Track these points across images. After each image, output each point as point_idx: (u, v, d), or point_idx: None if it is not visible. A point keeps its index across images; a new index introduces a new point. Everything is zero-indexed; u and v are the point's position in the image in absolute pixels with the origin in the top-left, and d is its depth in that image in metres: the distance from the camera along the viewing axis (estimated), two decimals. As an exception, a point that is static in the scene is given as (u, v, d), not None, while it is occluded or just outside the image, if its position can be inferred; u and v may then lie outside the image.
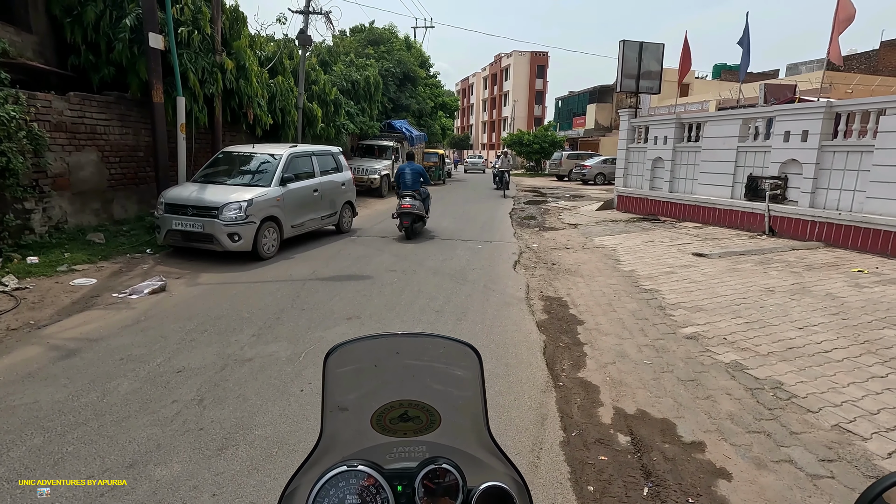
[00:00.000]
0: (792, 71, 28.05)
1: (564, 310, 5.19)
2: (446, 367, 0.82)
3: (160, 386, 3.26)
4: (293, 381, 3.36)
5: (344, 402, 0.80)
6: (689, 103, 25.82)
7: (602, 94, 36.74)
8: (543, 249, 8.48)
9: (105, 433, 2.70)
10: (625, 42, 13.01)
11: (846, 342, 4.10)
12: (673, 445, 2.76)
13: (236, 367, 3.58)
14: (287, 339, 4.12)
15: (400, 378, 0.80)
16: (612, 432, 2.89)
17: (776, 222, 8.90)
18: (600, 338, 4.38)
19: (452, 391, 0.82)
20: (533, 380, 3.53)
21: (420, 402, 0.80)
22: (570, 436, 2.84)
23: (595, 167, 25.53)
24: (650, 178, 12.47)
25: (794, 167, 8.68)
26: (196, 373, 3.46)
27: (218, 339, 4.10)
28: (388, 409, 0.80)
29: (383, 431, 0.80)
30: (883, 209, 7.26)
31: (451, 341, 0.80)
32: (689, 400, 3.25)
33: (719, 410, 3.11)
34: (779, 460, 2.60)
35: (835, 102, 8.11)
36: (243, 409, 2.99)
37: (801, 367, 3.67)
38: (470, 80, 71.45)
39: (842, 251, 7.59)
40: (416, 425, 0.80)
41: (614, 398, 3.30)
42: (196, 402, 3.05)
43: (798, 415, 3.02)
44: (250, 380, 3.38)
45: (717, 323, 4.63)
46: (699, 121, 11.20)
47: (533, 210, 14.53)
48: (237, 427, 2.79)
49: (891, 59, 25.74)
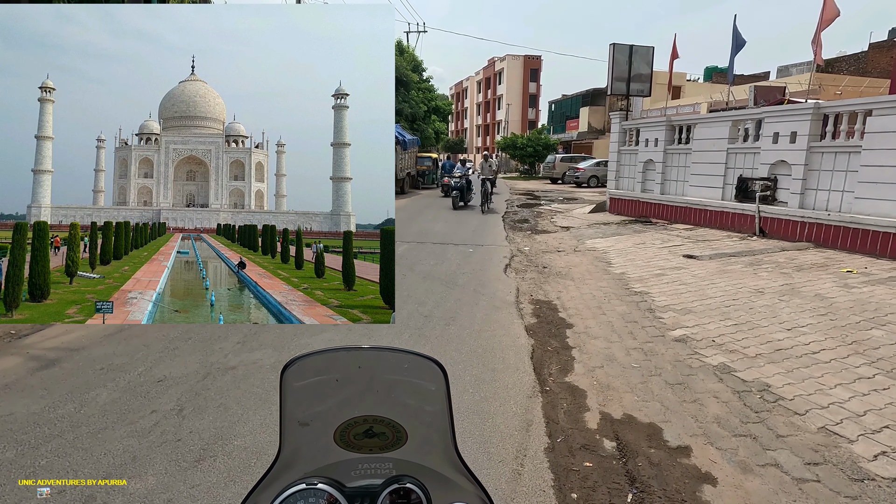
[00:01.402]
0: (782, 73, 28.30)
1: (554, 313, 5.16)
2: (412, 383, 0.79)
3: (140, 396, 3.20)
4: (275, 389, 3.29)
5: (304, 416, 0.77)
6: (680, 105, 25.98)
7: (595, 97, 36.92)
8: (535, 253, 8.46)
9: (80, 445, 2.64)
10: (615, 45, 13.07)
11: (834, 343, 4.09)
12: (659, 450, 2.73)
13: (219, 375, 3.52)
14: (272, 347, 4.07)
15: (364, 393, 0.77)
16: (598, 438, 2.86)
17: (766, 223, 8.92)
18: (589, 341, 4.35)
19: (419, 406, 0.79)
20: (520, 385, 3.49)
21: (385, 417, 0.77)
22: (555, 442, 2.80)
23: (588, 170, 25.62)
24: (642, 181, 12.50)
25: (784, 168, 8.72)
26: (177, 382, 3.40)
27: (202, 347, 4.05)
28: (352, 424, 0.77)
29: (347, 447, 0.77)
30: (871, 209, 7.29)
31: (415, 356, 0.77)
32: (676, 403, 3.22)
33: (706, 414, 3.08)
34: (765, 464, 2.57)
35: (822, 104, 8.16)
36: (223, 419, 2.93)
37: (789, 368, 3.65)
38: (464, 84, 71.66)
39: (831, 252, 7.61)
40: (381, 441, 0.78)
41: (601, 403, 3.26)
42: (175, 412, 3.00)
43: (785, 417, 3.00)
44: (232, 388, 3.33)
45: (706, 325, 4.62)
46: (689, 123, 11.25)
47: (526, 213, 14.53)
48: (216, 437, 2.74)
49: (879, 61, 26.02)
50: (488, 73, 61.72)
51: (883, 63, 25.57)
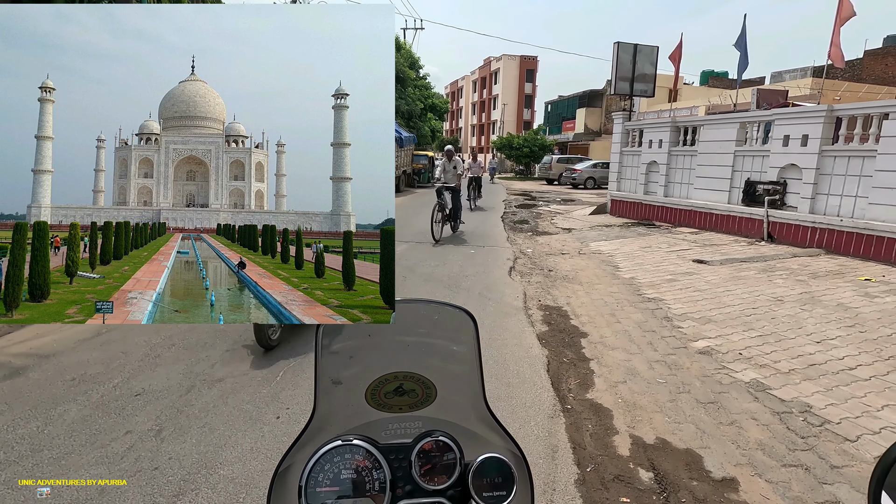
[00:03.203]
0: (776, 79, 28.33)
1: (566, 320, 4.85)
2: (442, 339, 0.81)
3: (114, 413, 2.84)
4: (268, 406, 2.96)
5: (337, 375, 0.79)
6: (677, 108, 25.85)
7: (591, 99, 36.76)
8: (538, 255, 8.16)
9: (39, 474, 2.28)
10: (619, 44, 12.81)
11: (869, 358, 3.82)
12: (702, 483, 2.42)
13: (204, 388, 3.16)
14: (265, 355, 3.72)
15: (394, 350, 0.79)
16: (632, 467, 2.55)
17: (775, 228, 8.70)
18: (607, 352, 4.05)
19: (448, 363, 0.81)
20: (538, 403, 3.17)
21: (415, 374, 0.78)
22: (584, 472, 2.49)
23: (585, 171, 25.40)
24: (644, 183, 12.25)
25: (794, 172, 8.49)
26: (157, 396, 3.04)
27: (187, 354, 3.68)
28: (382, 382, 0.78)
29: (378, 407, 0.78)
30: (886, 216, 7.07)
31: (446, 306, 0.79)
32: (712, 426, 2.92)
33: (747, 439, 2.78)
34: (824, 501, 2.28)
35: (836, 106, 7.94)
36: (208, 442, 2.58)
37: (828, 386, 3.37)
38: (459, 84, 71.28)
39: (844, 258, 7.39)
40: (411, 399, 0.79)
41: (629, 424, 2.96)
42: (153, 434, 2.64)
43: (835, 444, 2.71)
44: (219, 404, 2.97)
45: (729, 336, 4.33)
46: (695, 124, 11.01)
47: (525, 214, 14.24)
48: (199, 465, 2.39)
49: (874, 68, 26.11)
50: (484, 72, 61.42)
51: (878, 70, 25.67)
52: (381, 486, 0.71)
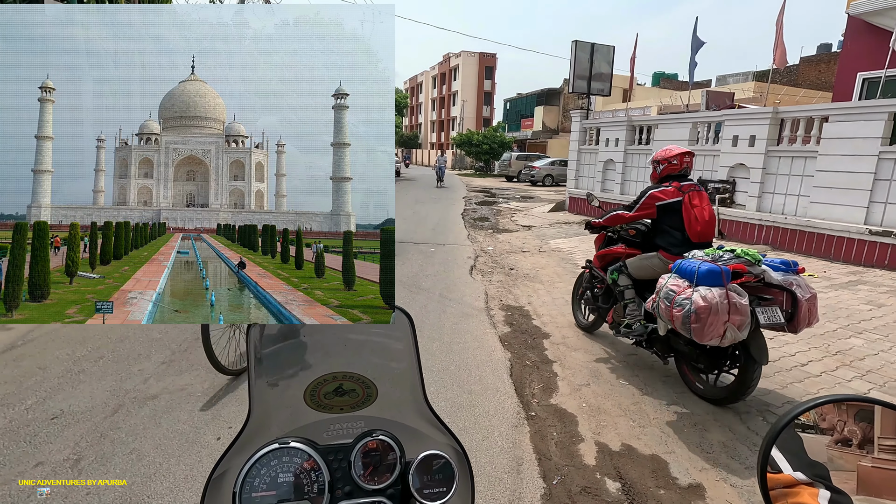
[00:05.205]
0: (721, 82, 29.72)
1: (528, 321, 4.77)
2: (381, 338, 0.81)
3: (23, 440, 2.48)
4: (207, 426, 2.68)
5: (273, 377, 0.76)
6: (631, 108, 26.65)
7: (549, 97, 37.33)
8: (499, 253, 8.09)
9: (-78, 522, 1.93)
10: (577, 42, 12.94)
11: (819, 353, 3.94)
12: (669, 490, 2.36)
13: (134, 408, 2.84)
14: (205, 367, 3.39)
15: (333, 350, 0.78)
16: (599, 476, 2.45)
17: (725, 225, 9.00)
18: (569, 354, 3.98)
19: (388, 362, 0.80)
20: (502, 411, 3.04)
21: (356, 374, 0.77)
22: (551, 485, 2.37)
23: (544, 169, 25.74)
24: (602, 180, 12.45)
25: (742, 171, 8.81)
26: (78, 419, 2.69)
27: (115, 368, 3.32)
28: (321, 382, 0.76)
29: (318, 408, 0.77)
30: (826, 214, 7.43)
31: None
32: (675, 429, 2.88)
33: (710, 441, 2.75)
34: (788, 505, 2.25)
35: (781, 108, 8.27)
36: (135, 471, 2.29)
37: (782, 384, 3.42)
38: (419, 79, 70.79)
39: (788, 255, 7.72)
40: (352, 399, 0.78)
41: (595, 430, 2.87)
42: (70, 465, 2.31)
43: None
44: (151, 426, 2.66)
45: (687, 334, 4.36)
46: (650, 124, 11.26)
47: (485, 211, 14.21)
48: (121, 500, 2.10)
49: (808, 74, 27.81)
50: (443, 68, 61.23)
51: (812, 76, 27.35)
52: (321, 488, 0.70)
